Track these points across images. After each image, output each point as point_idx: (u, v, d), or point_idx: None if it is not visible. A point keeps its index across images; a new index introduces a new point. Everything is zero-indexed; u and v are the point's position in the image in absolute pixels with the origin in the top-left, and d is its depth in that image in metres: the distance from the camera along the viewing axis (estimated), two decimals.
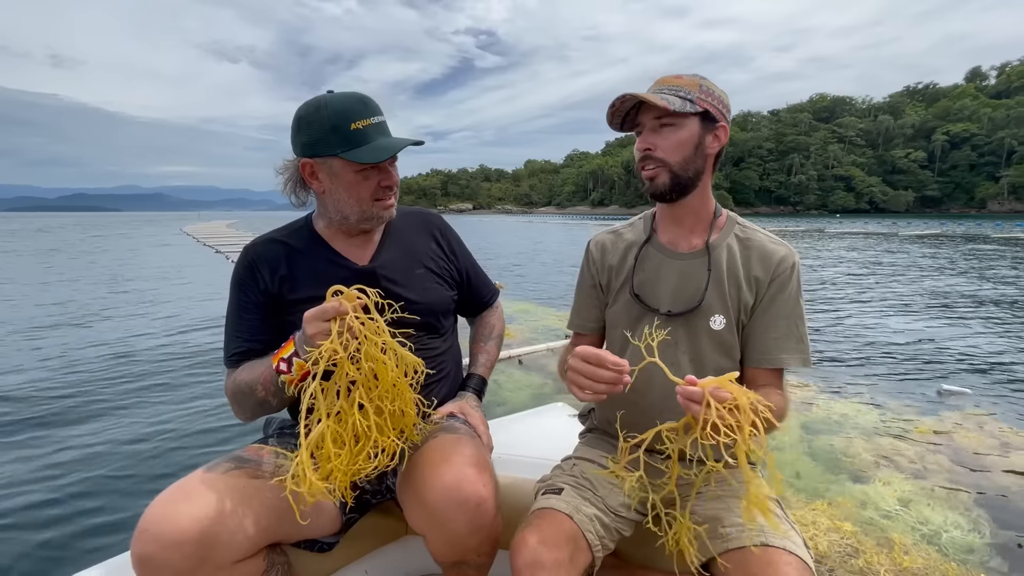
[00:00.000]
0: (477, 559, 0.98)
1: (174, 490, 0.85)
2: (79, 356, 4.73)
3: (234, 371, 1.08)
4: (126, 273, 11.31)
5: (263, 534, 0.89)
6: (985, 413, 3.41)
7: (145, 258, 15.43)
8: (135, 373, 4.27)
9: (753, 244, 1.03)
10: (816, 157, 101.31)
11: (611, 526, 0.96)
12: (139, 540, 0.80)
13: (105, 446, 2.98)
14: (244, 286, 1.10)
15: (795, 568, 0.80)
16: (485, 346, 1.35)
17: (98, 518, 2.31)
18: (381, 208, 1.09)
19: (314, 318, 0.88)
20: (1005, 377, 4.21)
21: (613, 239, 1.16)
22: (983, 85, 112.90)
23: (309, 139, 1.02)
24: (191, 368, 4.38)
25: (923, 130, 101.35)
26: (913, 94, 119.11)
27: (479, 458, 0.97)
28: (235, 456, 0.96)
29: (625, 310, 1.09)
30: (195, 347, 5.03)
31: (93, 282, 9.87)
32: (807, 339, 1.00)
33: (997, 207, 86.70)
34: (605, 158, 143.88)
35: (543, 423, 1.64)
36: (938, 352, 4.97)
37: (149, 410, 3.52)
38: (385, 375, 0.89)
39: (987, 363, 4.58)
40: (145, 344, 5.15)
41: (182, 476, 0.89)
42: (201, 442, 3.02)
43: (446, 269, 1.26)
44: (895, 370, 4.38)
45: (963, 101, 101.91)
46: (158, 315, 6.62)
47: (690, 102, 0.95)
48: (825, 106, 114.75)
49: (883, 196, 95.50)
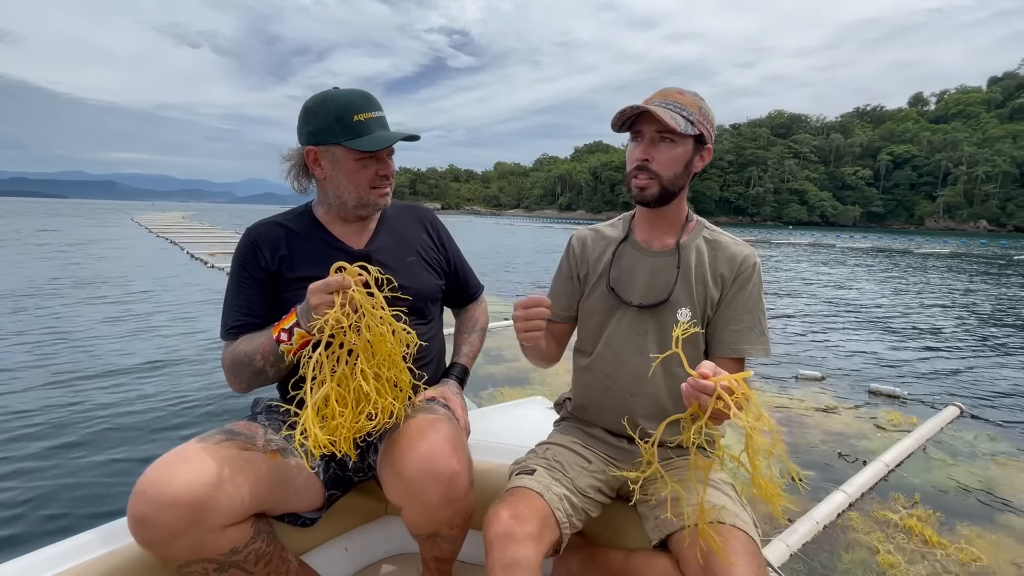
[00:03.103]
0: (450, 531, 1.04)
1: (171, 456, 0.89)
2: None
3: (232, 343, 1.12)
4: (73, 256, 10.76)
5: (252, 502, 0.93)
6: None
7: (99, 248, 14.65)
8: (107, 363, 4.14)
9: (720, 245, 1.12)
10: (773, 171, 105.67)
11: (579, 506, 1.02)
12: (136, 501, 0.83)
13: (96, 422, 3.04)
14: (245, 263, 1.15)
15: (742, 543, 0.88)
16: (469, 337, 1.42)
17: (89, 487, 2.38)
18: (377, 196, 1.17)
19: (318, 290, 0.94)
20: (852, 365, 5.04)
21: (594, 236, 1.24)
22: (924, 110, 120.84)
23: (315, 128, 1.09)
24: (168, 354, 4.28)
25: (870, 149, 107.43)
26: (862, 115, 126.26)
27: (455, 436, 1.04)
28: (226, 429, 1.00)
29: (600, 301, 1.17)
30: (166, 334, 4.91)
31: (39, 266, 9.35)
32: (767, 332, 1.09)
33: (933, 224, 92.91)
34: (573, 163, 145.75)
35: (522, 413, 1.72)
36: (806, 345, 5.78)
37: (137, 388, 3.58)
38: (383, 345, 0.96)
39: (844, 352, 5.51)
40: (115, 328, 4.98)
41: (174, 447, 0.92)
42: (189, 422, 3.11)
43: (435, 259, 1.33)
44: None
45: (906, 124, 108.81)
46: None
47: (691, 124, 1.01)
48: (782, 122, 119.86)
49: (833, 210, 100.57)
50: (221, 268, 9.76)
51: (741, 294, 1.08)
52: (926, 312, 8.33)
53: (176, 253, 13.15)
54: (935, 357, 5.45)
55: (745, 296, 1.08)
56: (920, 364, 5.18)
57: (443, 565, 1.17)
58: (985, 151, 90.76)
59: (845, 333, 6.53)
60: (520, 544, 0.87)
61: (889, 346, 5.88)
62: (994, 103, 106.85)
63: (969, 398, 4.15)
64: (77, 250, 13.16)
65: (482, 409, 1.75)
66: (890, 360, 5.28)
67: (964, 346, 6.01)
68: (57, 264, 10.17)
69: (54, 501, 2.27)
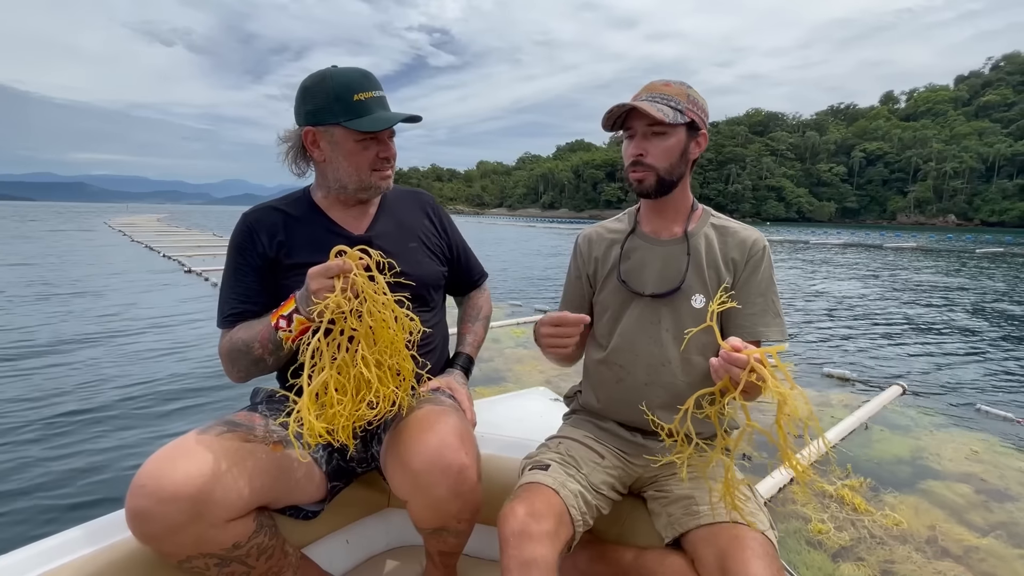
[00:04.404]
0: (457, 526, 1.01)
1: (171, 448, 0.85)
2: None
3: (229, 331, 1.09)
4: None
5: (255, 495, 0.90)
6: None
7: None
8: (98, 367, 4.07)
9: (728, 231, 1.12)
10: (751, 168, 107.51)
11: (592, 503, 1.01)
12: (135, 494, 0.80)
13: (86, 415, 3.01)
14: (243, 250, 1.12)
15: (760, 543, 0.85)
16: (472, 326, 1.39)
17: (77, 483, 2.33)
18: (379, 178, 1.13)
19: (318, 274, 0.91)
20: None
21: (600, 232, 1.24)
22: (895, 108, 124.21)
23: (313, 107, 1.05)
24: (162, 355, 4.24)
25: (844, 147, 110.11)
26: (836, 113, 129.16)
27: (462, 429, 1.01)
28: (227, 420, 0.97)
29: (613, 295, 1.17)
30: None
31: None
32: (782, 314, 1.09)
33: (905, 219, 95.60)
34: (556, 162, 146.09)
35: (525, 405, 1.69)
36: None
37: (131, 379, 3.55)
38: (385, 331, 0.93)
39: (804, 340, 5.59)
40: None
41: (172, 440, 0.89)
42: (188, 414, 3.08)
43: (437, 245, 1.30)
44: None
45: (877, 122, 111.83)
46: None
47: (680, 112, 1.02)
48: (760, 120, 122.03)
49: (810, 207, 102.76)
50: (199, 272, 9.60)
51: (753, 277, 1.09)
52: (886, 301, 8.70)
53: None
54: (889, 343, 5.69)
55: (758, 279, 1.08)
56: (874, 349, 5.43)
57: (448, 559, 1.14)
58: (953, 148, 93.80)
59: (806, 320, 6.84)
60: (537, 542, 0.85)
61: (845, 333, 6.13)
62: (961, 101, 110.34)
63: (916, 376, 4.42)
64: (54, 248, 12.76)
65: (483, 400, 1.71)
66: (845, 345, 5.54)
67: (915, 331, 6.30)
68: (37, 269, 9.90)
69: (43, 495, 2.22)
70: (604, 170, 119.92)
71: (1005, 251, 22.74)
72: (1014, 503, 2.42)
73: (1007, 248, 25.09)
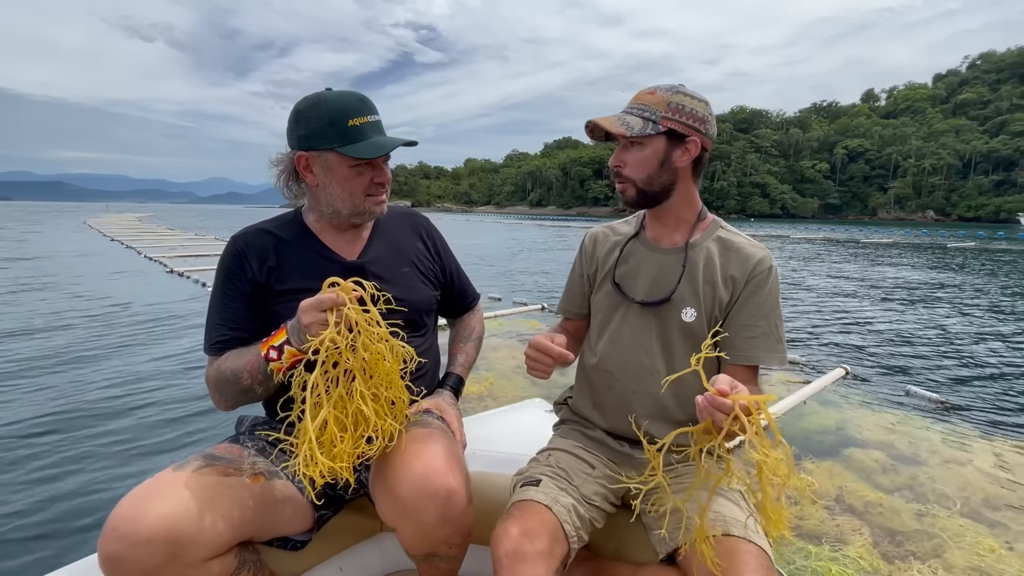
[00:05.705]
0: (448, 551, 0.99)
1: (143, 488, 0.83)
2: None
3: (216, 359, 1.05)
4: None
5: (234, 531, 0.87)
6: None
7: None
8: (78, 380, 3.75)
9: (733, 246, 1.08)
10: (736, 165, 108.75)
11: (586, 516, 0.99)
12: (107, 538, 0.77)
13: (73, 448, 2.72)
14: (231, 274, 1.08)
15: (754, 556, 0.83)
16: (464, 347, 1.37)
17: (62, 522, 2.14)
18: (373, 204, 1.10)
19: (311, 308, 0.89)
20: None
21: (607, 232, 1.23)
22: (875, 106, 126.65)
23: (306, 132, 1.03)
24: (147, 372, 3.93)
25: (826, 144, 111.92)
26: (819, 110, 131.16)
27: (450, 451, 0.99)
28: (207, 454, 0.94)
29: (606, 298, 1.16)
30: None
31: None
32: (784, 340, 1.04)
33: (885, 215, 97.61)
34: (544, 159, 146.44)
35: (520, 419, 1.66)
36: None
37: (114, 410, 3.21)
38: (381, 364, 0.91)
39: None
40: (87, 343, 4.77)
41: (151, 476, 0.86)
42: (171, 445, 2.80)
43: (431, 269, 1.28)
44: None
45: (859, 119, 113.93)
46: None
47: (652, 123, 1.00)
48: (745, 118, 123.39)
49: (793, 203, 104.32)
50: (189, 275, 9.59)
51: (755, 298, 1.04)
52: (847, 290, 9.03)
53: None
54: (846, 333, 5.91)
55: (760, 301, 1.03)
56: (829, 335, 5.70)
57: None
58: (931, 145, 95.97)
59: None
60: (531, 563, 0.83)
61: (810, 321, 6.40)
62: (939, 99, 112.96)
63: (867, 361, 4.68)
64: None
65: (478, 415, 1.70)
66: (805, 332, 5.82)
67: (874, 322, 6.55)
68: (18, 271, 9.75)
69: (7, 543, 2.01)
70: (592, 167, 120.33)
71: (977, 246, 23.45)
72: (919, 467, 2.69)
73: (979, 243, 25.83)
